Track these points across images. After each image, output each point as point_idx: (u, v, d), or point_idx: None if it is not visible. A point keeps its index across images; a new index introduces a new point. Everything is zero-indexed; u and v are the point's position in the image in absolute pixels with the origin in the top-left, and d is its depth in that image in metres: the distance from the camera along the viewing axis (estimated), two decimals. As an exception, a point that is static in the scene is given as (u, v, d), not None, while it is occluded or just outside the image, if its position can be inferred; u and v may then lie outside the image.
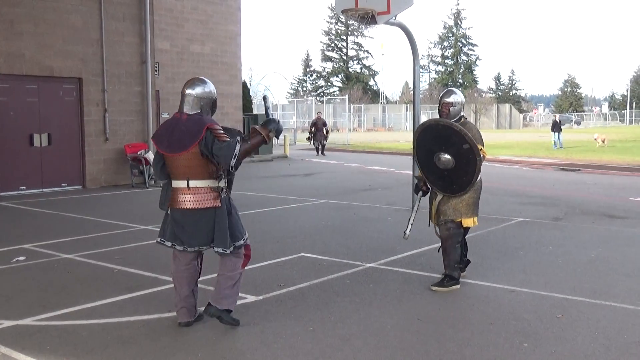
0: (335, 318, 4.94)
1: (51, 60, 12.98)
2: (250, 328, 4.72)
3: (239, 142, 4.36)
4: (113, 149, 14.11)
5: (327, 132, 26.86)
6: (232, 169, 4.42)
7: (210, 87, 4.63)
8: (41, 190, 12.97)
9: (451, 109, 5.80)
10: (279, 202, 11.29)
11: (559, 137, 29.36)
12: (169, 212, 4.65)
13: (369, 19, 10.01)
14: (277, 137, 4.73)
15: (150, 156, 14.03)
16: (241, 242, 4.66)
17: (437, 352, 4.26)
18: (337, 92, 78.79)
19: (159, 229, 4.86)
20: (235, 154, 4.32)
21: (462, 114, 5.88)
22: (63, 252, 7.27)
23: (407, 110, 65.34)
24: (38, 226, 9.12)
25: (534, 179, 15.97)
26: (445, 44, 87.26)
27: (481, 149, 5.58)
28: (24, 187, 12.79)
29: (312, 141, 26.52)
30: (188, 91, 4.56)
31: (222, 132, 4.43)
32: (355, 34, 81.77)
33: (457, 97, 5.88)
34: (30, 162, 12.91)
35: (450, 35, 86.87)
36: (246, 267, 4.98)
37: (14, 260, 6.87)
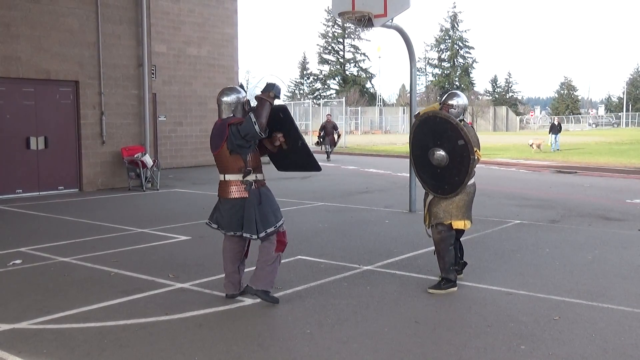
0: (333, 321, 4.94)
1: (48, 64, 12.96)
2: (248, 331, 4.72)
3: (250, 114, 5.05)
4: (110, 152, 14.09)
5: (339, 136, 24.61)
6: (262, 135, 5.07)
7: (235, 94, 5.27)
8: (38, 193, 12.94)
9: (451, 110, 5.82)
10: (276, 205, 11.31)
11: (556, 139, 29.45)
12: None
13: (366, 21, 10.02)
14: (279, 97, 5.24)
15: (147, 159, 14.02)
16: (272, 228, 5.21)
17: (434, 354, 4.26)
18: (334, 95, 78.82)
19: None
20: (254, 122, 4.97)
21: (462, 117, 5.89)
22: (59, 255, 7.25)
23: (404, 112, 65.44)
24: (34, 229, 9.10)
25: (530, 182, 16.00)
26: (442, 46, 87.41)
27: (476, 151, 5.60)
28: (21, 190, 12.77)
29: (321, 146, 24.86)
30: (220, 99, 5.26)
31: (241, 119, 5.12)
32: (352, 36, 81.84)
33: (460, 100, 5.89)
34: (27, 165, 12.88)
35: (447, 38, 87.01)
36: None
37: (11, 263, 6.85)
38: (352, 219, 9.92)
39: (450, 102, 5.87)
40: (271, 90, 5.13)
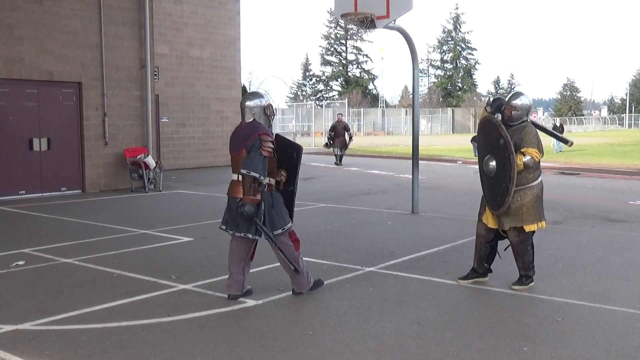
0: (335, 322, 4.94)
1: (50, 65, 12.98)
2: (250, 332, 4.72)
3: (262, 164, 5.18)
4: (112, 153, 14.11)
5: (351, 137, 22.25)
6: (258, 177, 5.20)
7: (258, 98, 5.55)
8: (41, 194, 12.96)
9: (513, 112, 5.78)
10: (278, 206, 11.31)
11: (557, 141, 29.41)
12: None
13: (368, 23, 10.01)
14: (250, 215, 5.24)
15: (150, 160, 14.03)
16: (279, 230, 5.39)
17: (437, 356, 4.25)
18: (337, 96, 78.75)
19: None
20: (255, 175, 5.13)
21: (525, 118, 5.82)
22: (62, 256, 7.26)
23: (406, 114, 65.41)
24: (37, 230, 9.11)
25: (533, 183, 15.95)
26: (445, 48, 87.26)
27: (526, 151, 5.60)
28: (24, 192, 12.78)
29: (332, 148, 22.70)
30: (244, 103, 5.52)
31: (270, 144, 5.26)
32: (355, 38, 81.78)
33: (523, 100, 5.80)
34: (30, 166, 12.90)
35: (450, 39, 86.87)
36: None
37: (13, 264, 6.86)
38: (354, 220, 9.92)
39: (513, 102, 5.80)
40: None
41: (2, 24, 12.28)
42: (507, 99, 5.92)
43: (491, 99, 6.01)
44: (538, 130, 5.92)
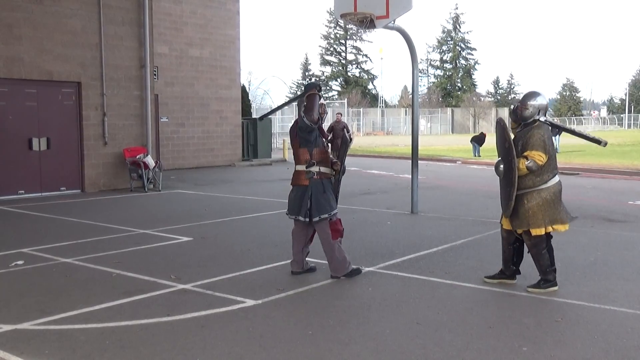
0: (334, 322, 4.94)
1: (50, 65, 12.98)
2: (250, 332, 4.72)
3: (302, 113, 6.11)
4: (112, 153, 14.11)
5: (351, 139, 21.63)
6: (314, 126, 6.04)
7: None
8: (40, 194, 12.96)
9: (525, 111, 5.79)
10: (277, 206, 11.26)
11: (556, 141, 29.44)
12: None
13: (368, 23, 10.02)
14: (321, 88, 6.36)
15: (149, 160, 14.03)
16: (325, 215, 6.01)
17: (436, 356, 4.25)
18: (336, 96, 78.83)
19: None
20: (303, 117, 6.06)
21: (537, 117, 5.77)
22: (61, 256, 7.26)
23: (406, 114, 65.50)
24: (37, 230, 9.11)
25: (532, 183, 15.94)
26: (444, 48, 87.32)
27: (529, 154, 5.57)
28: (23, 191, 12.79)
29: (332, 152, 21.85)
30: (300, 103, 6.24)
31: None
32: (354, 38, 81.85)
33: (537, 100, 5.77)
34: (29, 166, 12.90)
35: (449, 39, 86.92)
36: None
37: (13, 264, 6.86)
38: (354, 220, 9.92)
39: (526, 101, 5.80)
40: (314, 87, 6.23)
41: (1, 23, 12.28)
42: (522, 97, 5.93)
43: (512, 108, 6.07)
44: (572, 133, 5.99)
